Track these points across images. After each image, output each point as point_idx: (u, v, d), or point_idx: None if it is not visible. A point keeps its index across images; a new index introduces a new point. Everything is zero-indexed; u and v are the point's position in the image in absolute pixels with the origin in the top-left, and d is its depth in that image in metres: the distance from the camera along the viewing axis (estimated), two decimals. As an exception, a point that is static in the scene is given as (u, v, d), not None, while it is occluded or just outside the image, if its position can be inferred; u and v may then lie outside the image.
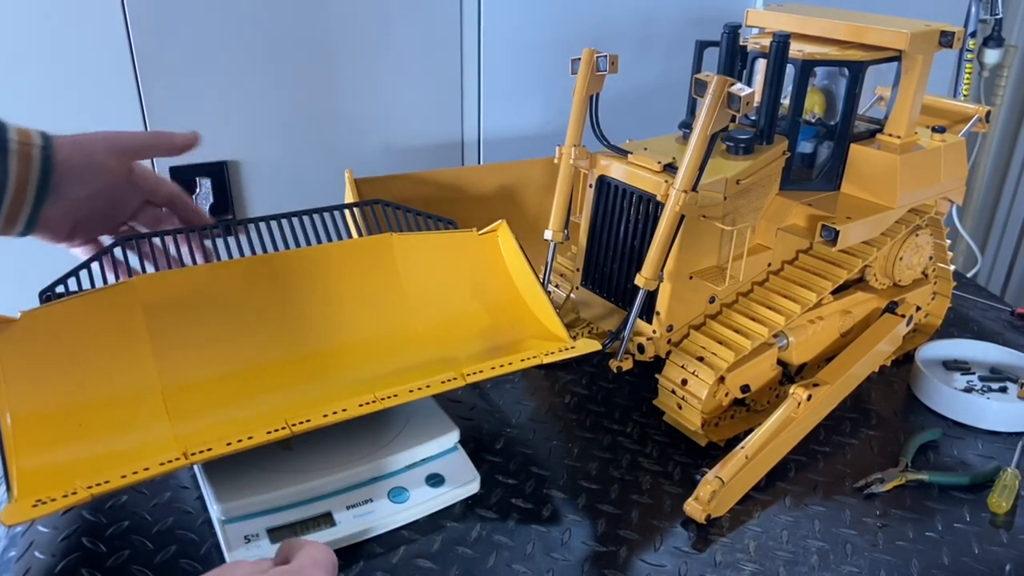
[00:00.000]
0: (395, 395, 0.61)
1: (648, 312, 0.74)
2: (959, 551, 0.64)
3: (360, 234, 0.74)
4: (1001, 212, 1.90)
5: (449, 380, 0.63)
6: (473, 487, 0.66)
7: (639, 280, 0.69)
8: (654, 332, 0.74)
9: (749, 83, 0.82)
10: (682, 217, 0.67)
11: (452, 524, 0.64)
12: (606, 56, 0.74)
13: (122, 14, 1.03)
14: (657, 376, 0.75)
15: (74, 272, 0.64)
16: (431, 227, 0.75)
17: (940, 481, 0.70)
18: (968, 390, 0.83)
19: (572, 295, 0.83)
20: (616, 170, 0.75)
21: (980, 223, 1.93)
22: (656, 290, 0.72)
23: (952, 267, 0.91)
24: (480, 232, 0.75)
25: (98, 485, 0.52)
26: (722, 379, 0.72)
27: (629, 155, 0.74)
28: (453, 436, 0.67)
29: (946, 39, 0.76)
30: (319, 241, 0.72)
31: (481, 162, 1.33)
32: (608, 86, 0.76)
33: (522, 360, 0.66)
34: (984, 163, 1.82)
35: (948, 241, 0.90)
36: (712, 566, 0.61)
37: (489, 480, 0.69)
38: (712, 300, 0.76)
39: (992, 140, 1.82)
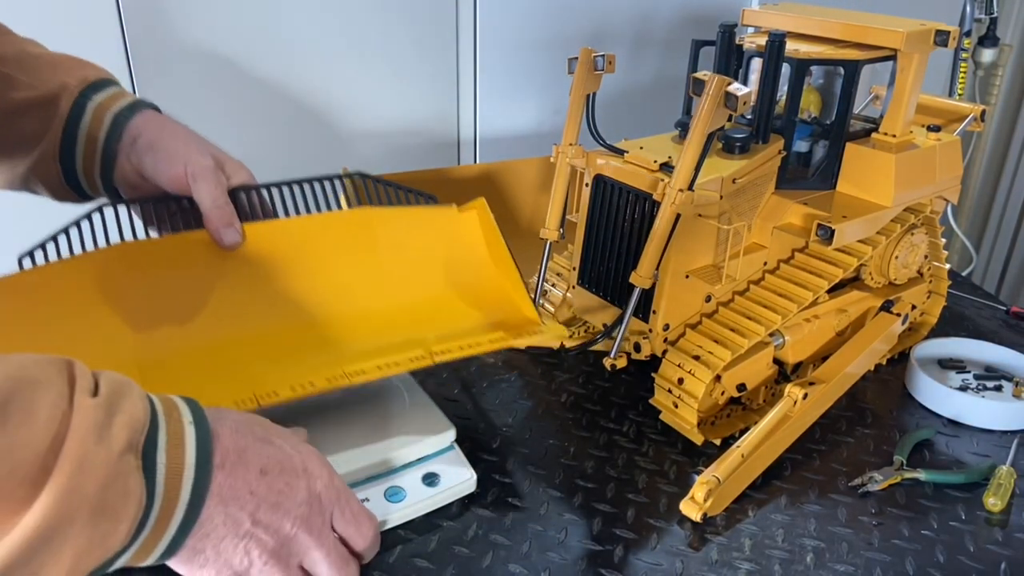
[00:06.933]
0: (363, 371, 0.61)
1: (644, 311, 0.74)
2: (954, 549, 0.64)
3: (339, 206, 0.73)
4: (996, 211, 1.90)
5: (418, 358, 0.63)
6: (469, 486, 0.66)
7: (634, 278, 0.69)
8: (650, 331, 0.74)
9: (745, 82, 0.82)
10: (678, 216, 0.67)
11: (448, 523, 0.64)
12: (603, 55, 0.74)
13: (117, 13, 1.02)
14: (653, 375, 0.75)
15: (53, 237, 0.62)
16: (412, 201, 0.74)
17: (935, 479, 0.71)
18: (963, 388, 0.83)
19: (568, 294, 0.83)
20: (612, 169, 0.75)
21: (975, 222, 1.94)
22: (652, 289, 0.72)
23: (947, 266, 0.91)
24: (460, 208, 0.74)
25: None
26: (718, 378, 0.72)
27: (625, 154, 0.74)
28: (449, 435, 0.67)
29: (941, 38, 0.76)
30: (298, 212, 0.71)
31: (477, 161, 1.33)
32: (604, 85, 0.76)
33: (491, 341, 0.66)
34: (979, 162, 1.82)
35: (943, 240, 0.90)
36: (708, 565, 0.61)
37: (485, 479, 0.69)
38: (708, 299, 0.76)
39: (987, 139, 1.82)
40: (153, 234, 0.68)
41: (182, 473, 0.45)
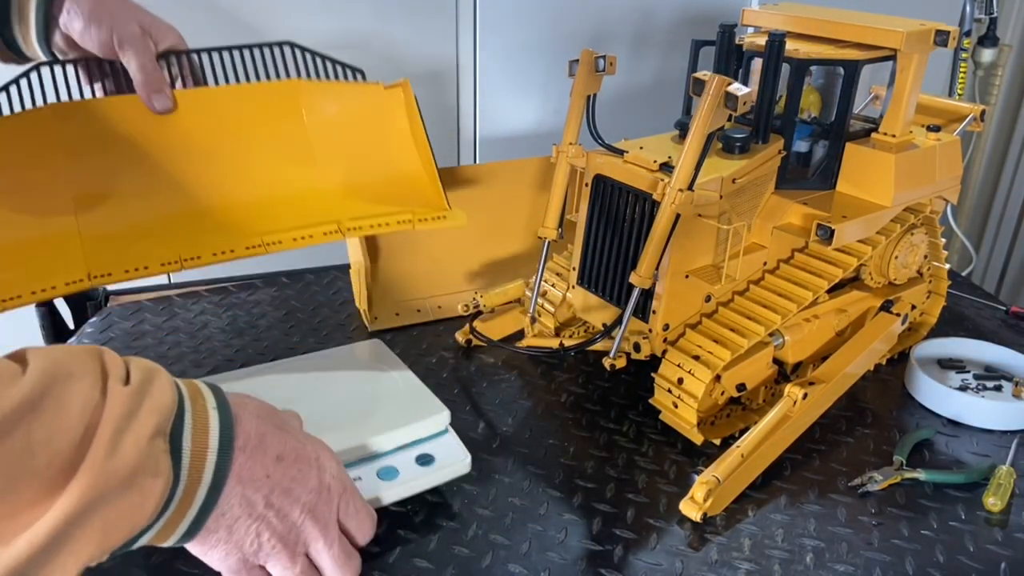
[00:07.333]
0: (280, 241, 0.66)
1: (644, 311, 0.74)
2: (954, 549, 0.64)
3: (268, 77, 0.74)
4: (996, 211, 1.90)
5: (330, 232, 0.68)
6: (464, 467, 0.65)
7: (634, 278, 0.69)
8: (650, 331, 0.74)
9: (745, 82, 0.82)
10: (678, 216, 0.67)
11: (448, 523, 0.64)
12: (604, 57, 0.74)
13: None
14: (653, 375, 0.75)
15: None
16: (340, 74, 0.75)
17: (935, 479, 0.71)
18: (963, 388, 0.83)
19: (568, 294, 0.83)
20: (612, 169, 0.75)
21: (975, 222, 1.94)
22: (652, 289, 0.72)
23: (947, 266, 0.91)
24: (386, 86, 0.76)
25: (11, 299, 0.59)
26: (718, 378, 0.72)
27: (625, 154, 0.74)
28: (443, 417, 0.67)
29: (941, 38, 0.76)
30: (227, 81, 0.72)
31: (477, 161, 1.33)
32: (604, 85, 0.76)
33: (398, 223, 0.71)
34: (979, 162, 1.82)
35: (943, 240, 0.90)
36: (708, 565, 0.61)
37: (485, 479, 0.69)
38: (708, 299, 0.76)
39: (987, 139, 1.82)
40: (97, 88, 0.71)
41: (206, 456, 0.47)
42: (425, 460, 0.64)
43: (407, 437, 0.65)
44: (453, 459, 0.65)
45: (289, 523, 0.51)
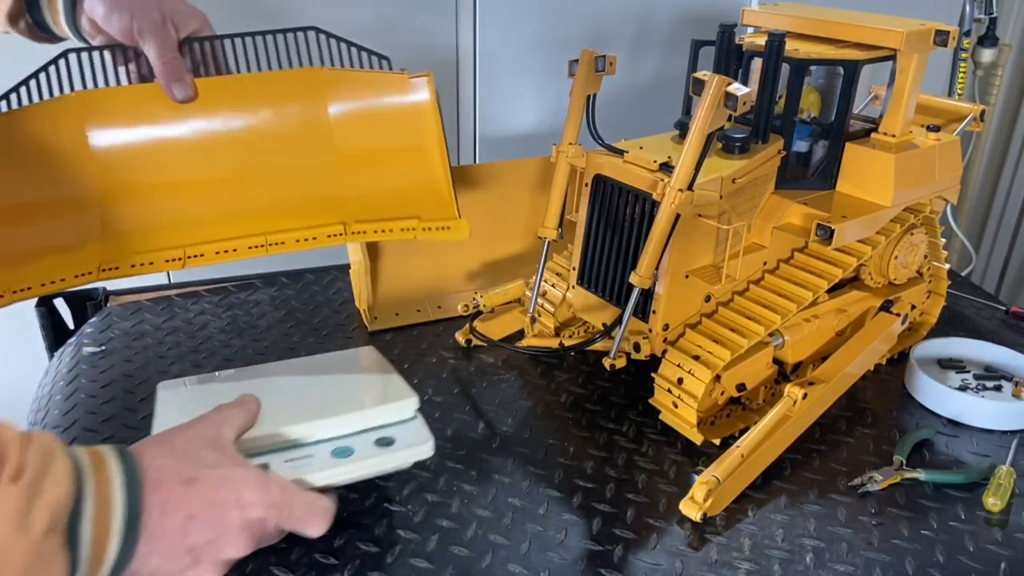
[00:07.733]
0: (282, 242, 0.67)
1: (644, 310, 0.74)
2: (954, 549, 0.64)
3: (290, 64, 0.74)
4: (995, 211, 1.90)
5: (335, 235, 0.69)
6: (425, 451, 0.62)
7: (634, 278, 0.69)
8: (650, 331, 0.74)
9: (745, 82, 0.82)
10: (678, 216, 0.67)
11: (448, 524, 0.64)
12: (604, 57, 0.74)
13: None
14: (653, 375, 0.75)
15: (24, 82, 0.65)
16: (364, 61, 0.74)
17: (935, 479, 0.71)
18: (963, 388, 0.83)
19: (568, 294, 0.83)
20: (612, 169, 0.75)
21: (975, 222, 1.94)
22: (652, 288, 0.72)
23: (947, 266, 0.91)
24: (411, 76, 0.75)
25: (21, 291, 0.60)
26: (718, 378, 0.72)
27: (625, 154, 0.74)
28: (411, 403, 0.64)
29: (941, 38, 0.76)
30: (248, 69, 0.72)
31: (477, 161, 1.33)
32: (604, 85, 0.76)
33: (402, 230, 0.71)
34: (979, 162, 1.82)
35: (943, 240, 0.90)
36: (708, 565, 0.61)
37: (485, 479, 0.69)
38: (708, 299, 0.76)
39: (986, 139, 1.82)
40: (122, 72, 0.72)
41: (107, 541, 0.45)
42: (385, 442, 0.61)
43: (371, 421, 0.63)
44: (414, 442, 0.61)
45: (226, 561, 0.51)
